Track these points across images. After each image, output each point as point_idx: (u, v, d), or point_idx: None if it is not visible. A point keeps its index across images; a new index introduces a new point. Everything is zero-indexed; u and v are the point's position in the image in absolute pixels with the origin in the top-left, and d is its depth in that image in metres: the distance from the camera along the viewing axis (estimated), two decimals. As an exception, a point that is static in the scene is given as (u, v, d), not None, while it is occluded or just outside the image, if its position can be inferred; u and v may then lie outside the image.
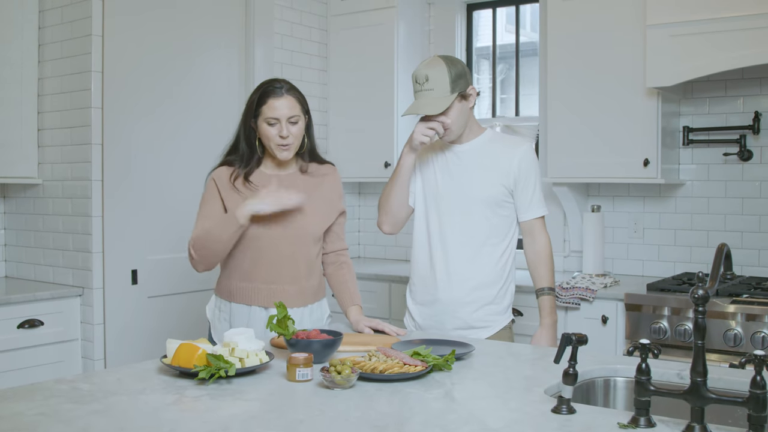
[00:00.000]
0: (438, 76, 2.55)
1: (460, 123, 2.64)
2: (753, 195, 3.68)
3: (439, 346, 2.20)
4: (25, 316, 3.33)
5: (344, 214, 2.69)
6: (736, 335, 3.04)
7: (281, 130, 2.44)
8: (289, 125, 2.45)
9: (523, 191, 2.65)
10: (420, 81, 2.57)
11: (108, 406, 1.66)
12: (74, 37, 3.55)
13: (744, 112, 3.68)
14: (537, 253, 2.70)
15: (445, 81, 2.55)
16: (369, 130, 4.48)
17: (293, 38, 4.49)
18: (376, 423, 1.55)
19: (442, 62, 2.58)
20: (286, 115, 2.44)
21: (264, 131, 2.47)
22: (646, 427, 1.48)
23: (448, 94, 2.56)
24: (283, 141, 2.45)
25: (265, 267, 2.49)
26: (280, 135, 2.44)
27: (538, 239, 2.70)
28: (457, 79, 2.57)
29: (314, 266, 2.60)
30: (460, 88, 2.58)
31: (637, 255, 4.00)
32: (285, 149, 2.48)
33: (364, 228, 4.97)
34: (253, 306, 2.50)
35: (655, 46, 3.41)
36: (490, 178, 2.64)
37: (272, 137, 2.45)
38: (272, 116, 2.43)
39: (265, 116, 2.45)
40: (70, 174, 3.59)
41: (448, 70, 2.56)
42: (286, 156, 2.49)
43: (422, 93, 2.57)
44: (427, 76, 2.56)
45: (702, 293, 1.46)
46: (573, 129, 3.77)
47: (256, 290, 2.50)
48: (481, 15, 4.66)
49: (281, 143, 2.46)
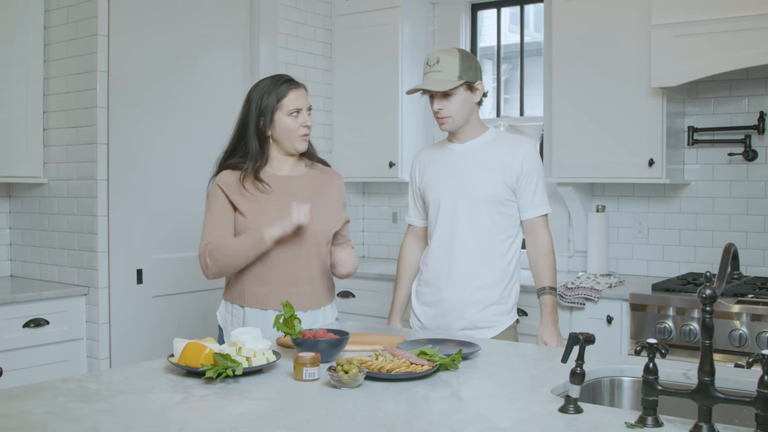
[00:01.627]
0: (449, 60, 2.59)
1: (463, 114, 2.64)
2: (758, 195, 3.68)
3: (446, 345, 2.20)
4: (31, 315, 3.34)
5: (348, 222, 2.71)
6: (741, 335, 3.03)
7: (306, 120, 2.51)
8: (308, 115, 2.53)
9: (525, 189, 2.65)
10: (430, 63, 2.62)
11: (116, 405, 1.66)
12: (80, 37, 3.55)
13: (749, 112, 3.68)
14: (538, 252, 2.70)
15: (454, 66, 2.59)
16: (373, 129, 4.48)
17: (298, 38, 4.50)
18: (383, 422, 1.55)
19: (456, 51, 2.64)
20: (307, 104, 2.53)
21: (285, 124, 2.49)
22: (654, 427, 1.48)
23: (455, 79, 2.58)
24: (306, 131, 2.51)
25: (280, 270, 2.47)
26: (305, 125, 2.51)
27: (539, 238, 2.69)
28: (467, 68, 2.60)
29: (327, 267, 2.59)
30: (468, 78, 2.60)
31: (642, 255, 3.99)
32: (306, 138, 2.54)
33: (368, 228, 4.97)
34: (269, 310, 2.48)
35: (659, 46, 3.41)
36: (493, 178, 2.64)
37: (295, 128, 2.50)
38: (296, 107, 2.49)
39: (288, 109, 2.48)
40: (76, 173, 3.59)
41: (460, 57, 2.61)
42: (305, 147, 2.55)
43: (430, 74, 2.61)
44: (438, 59, 2.60)
45: (710, 293, 1.46)
46: (578, 129, 3.77)
47: (272, 294, 2.47)
48: (486, 15, 4.66)
49: (305, 133, 2.52)
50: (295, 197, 2.47)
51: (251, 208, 2.47)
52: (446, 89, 2.58)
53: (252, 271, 2.48)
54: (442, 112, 2.63)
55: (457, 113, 2.63)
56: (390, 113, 4.41)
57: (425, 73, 2.63)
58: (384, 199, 4.91)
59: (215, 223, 2.47)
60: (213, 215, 2.48)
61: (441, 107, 2.62)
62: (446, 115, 2.63)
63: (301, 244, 2.48)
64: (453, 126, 2.66)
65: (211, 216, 2.49)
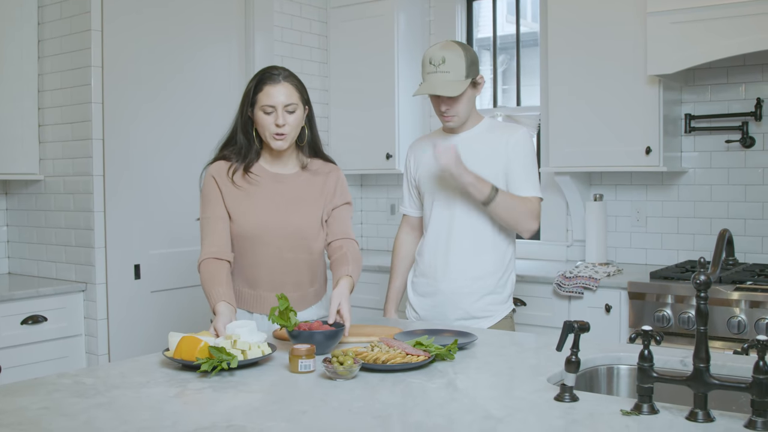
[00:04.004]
0: (455, 59, 2.54)
1: (468, 110, 2.64)
2: (756, 182, 3.67)
3: (442, 335, 2.20)
4: (29, 312, 3.34)
5: (348, 205, 2.56)
6: (740, 322, 3.03)
7: (277, 118, 2.32)
8: (285, 114, 2.33)
9: (513, 171, 2.61)
10: (435, 62, 2.54)
11: (111, 399, 1.66)
12: (73, 33, 3.54)
13: (746, 99, 3.67)
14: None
15: (461, 65, 2.54)
16: (370, 121, 4.47)
17: (293, 31, 4.48)
18: (379, 413, 1.55)
19: (457, 46, 2.58)
20: (283, 102, 2.33)
21: (260, 120, 2.36)
22: (649, 414, 1.48)
23: (463, 79, 2.55)
24: (278, 129, 2.33)
25: (269, 274, 2.43)
26: (276, 123, 2.33)
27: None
28: (471, 65, 2.57)
29: (316, 270, 2.53)
30: (473, 75, 2.59)
31: (640, 243, 3.99)
32: (280, 138, 2.35)
33: (366, 220, 4.97)
34: (255, 313, 2.45)
35: (655, 33, 3.40)
36: (487, 168, 2.61)
37: (267, 126, 2.34)
38: (268, 104, 2.32)
39: (261, 104, 2.33)
40: (72, 169, 3.59)
41: (464, 55, 2.56)
42: (280, 146, 2.36)
43: (436, 75, 2.54)
44: (443, 58, 2.54)
45: (704, 279, 1.46)
46: (574, 118, 3.76)
47: (260, 298, 2.44)
48: (482, 5, 4.64)
49: (276, 131, 2.34)
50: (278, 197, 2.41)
51: (235, 204, 2.40)
52: (458, 93, 2.53)
53: (242, 273, 2.44)
54: (449, 112, 2.60)
55: (463, 110, 2.62)
56: (386, 105, 4.40)
57: (429, 72, 2.56)
58: (382, 191, 4.90)
59: (213, 233, 2.38)
60: (207, 210, 2.41)
61: (448, 107, 2.60)
62: (453, 114, 2.61)
63: (287, 250, 2.42)
64: (458, 123, 2.65)
65: (205, 210, 2.43)
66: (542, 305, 3.56)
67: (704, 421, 1.43)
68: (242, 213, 2.40)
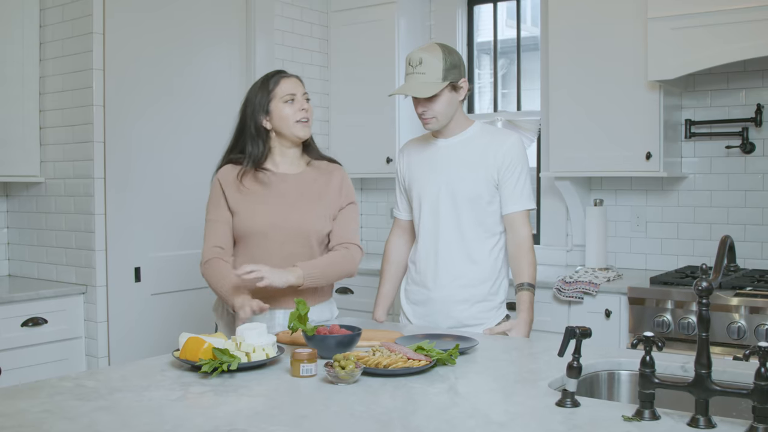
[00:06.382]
0: (432, 61, 2.51)
1: (448, 113, 2.60)
2: (756, 187, 3.68)
3: (443, 340, 2.20)
4: (29, 314, 3.33)
5: (353, 205, 2.60)
6: (740, 328, 3.03)
7: (302, 104, 2.47)
8: (304, 101, 2.49)
9: (506, 183, 2.59)
10: (413, 63, 2.53)
11: (112, 402, 1.66)
12: (75, 35, 3.55)
13: (746, 104, 3.67)
14: (518, 247, 2.60)
15: (438, 67, 2.51)
16: (370, 125, 4.48)
17: (294, 34, 4.49)
18: (381, 417, 1.55)
19: (438, 49, 2.55)
20: (302, 91, 2.50)
21: (281, 112, 2.46)
22: (651, 420, 1.48)
23: (440, 81, 2.52)
24: (304, 114, 2.47)
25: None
26: (302, 108, 2.46)
27: (519, 232, 2.60)
28: (451, 68, 2.54)
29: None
30: (453, 78, 2.55)
31: (640, 249, 3.99)
32: (306, 125, 2.49)
33: (366, 224, 4.97)
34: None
35: (656, 38, 3.41)
36: (474, 175, 2.59)
37: (291, 115, 2.46)
38: (289, 92, 2.46)
39: (282, 96, 2.46)
40: (73, 172, 3.59)
41: (443, 57, 2.53)
42: (306, 133, 2.49)
43: (413, 76, 2.53)
44: (421, 59, 2.52)
45: (706, 285, 1.46)
46: (575, 123, 3.76)
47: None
48: (482, 10, 4.65)
49: (302, 118, 2.47)
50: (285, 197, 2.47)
51: (242, 207, 2.46)
52: (430, 95, 2.51)
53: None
54: (426, 114, 2.59)
55: (442, 114, 2.58)
56: (387, 109, 4.40)
57: (407, 74, 2.56)
58: (382, 195, 4.90)
59: (215, 234, 2.46)
60: (212, 222, 2.48)
61: (425, 109, 2.58)
62: (431, 116, 2.59)
63: (290, 246, 2.45)
64: (437, 126, 2.63)
65: (209, 213, 2.51)
66: (542, 310, 3.55)
67: (706, 427, 1.43)
68: (251, 212, 2.45)
